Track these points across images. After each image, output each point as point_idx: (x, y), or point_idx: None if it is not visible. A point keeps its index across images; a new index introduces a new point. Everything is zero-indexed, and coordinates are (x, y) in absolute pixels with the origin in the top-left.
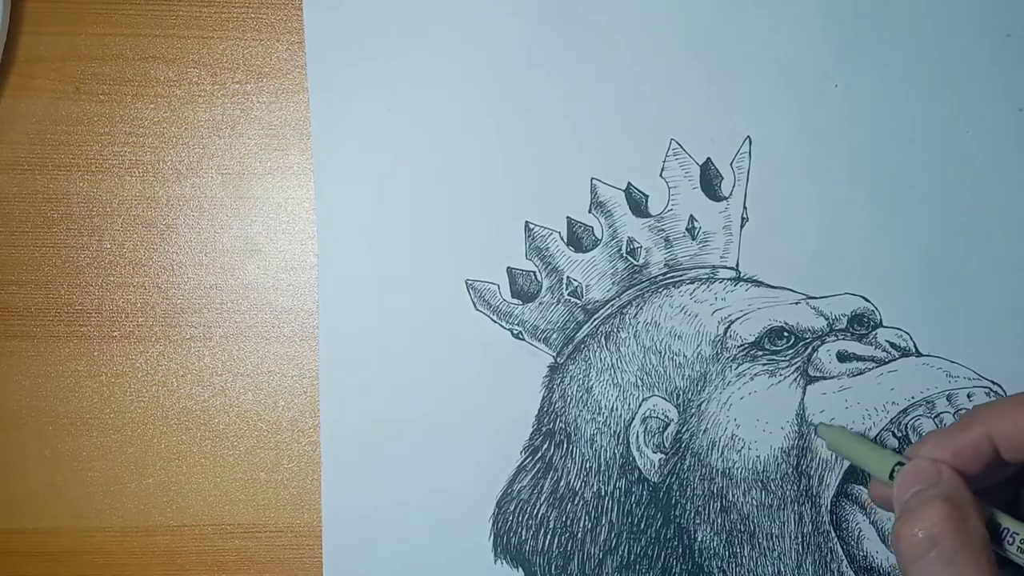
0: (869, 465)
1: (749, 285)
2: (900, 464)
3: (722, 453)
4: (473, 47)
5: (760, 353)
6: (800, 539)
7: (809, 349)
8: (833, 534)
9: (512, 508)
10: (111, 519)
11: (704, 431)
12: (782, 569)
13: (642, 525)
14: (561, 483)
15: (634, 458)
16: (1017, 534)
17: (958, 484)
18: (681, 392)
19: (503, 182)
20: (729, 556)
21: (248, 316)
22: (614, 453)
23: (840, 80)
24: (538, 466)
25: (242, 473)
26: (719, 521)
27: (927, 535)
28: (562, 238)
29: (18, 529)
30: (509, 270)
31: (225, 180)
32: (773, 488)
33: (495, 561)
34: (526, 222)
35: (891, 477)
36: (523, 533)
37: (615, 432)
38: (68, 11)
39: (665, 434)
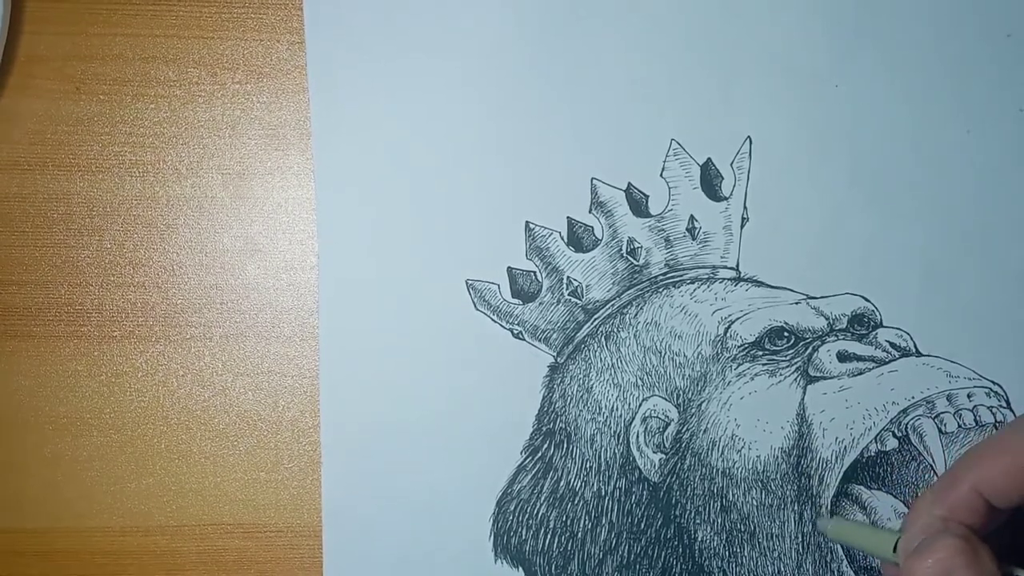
0: (873, 547)
1: (749, 285)
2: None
3: (722, 453)
4: (474, 48)
5: (760, 353)
6: (800, 539)
7: (809, 349)
8: None
9: (512, 508)
10: (111, 519)
11: (704, 431)
12: (782, 569)
13: (642, 525)
14: (561, 483)
15: (634, 458)
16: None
17: (967, 530)
18: (681, 392)
19: (504, 182)
20: (729, 556)
21: (248, 316)
22: (614, 453)
23: (840, 80)
24: (538, 466)
25: (242, 473)
26: (719, 521)
27: (940, 568)
28: (562, 238)
29: (19, 529)
30: (509, 270)
31: (225, 180)
32: (773, 488)
33: (495, 561)
34: (526, 222)
35: (895, 550)
36: (523, 533)
37: (615, 432)
38: (68, 11)
39: (665, 434)
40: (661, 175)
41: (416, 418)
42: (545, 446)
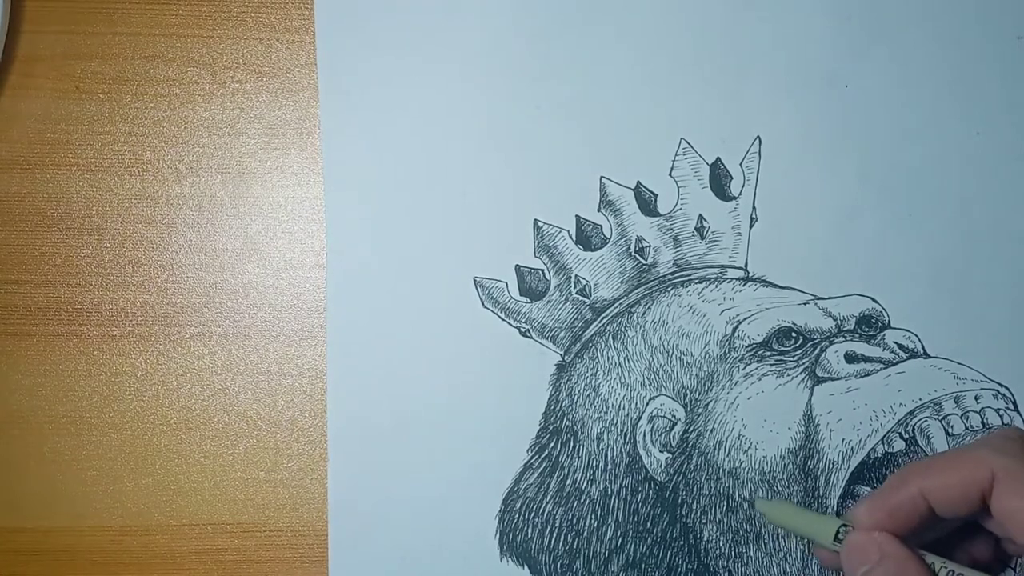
0: (813, 533)
1: (758, 285)
2: (844, 527)
3: (729, 453)
4: (484, 46)
5: (768, 353)
6: (806, 540)
7: (817, 350)
8: None
9: (518, 506)
10: (111, 518)
11: (711, 431)
12: (788, 570)
13: (648, 524)
14: (567, 481)
15: (641, 457)
16: (948, 568)
17: (898, 556)
18: (688, 391)
19: (512, 180)
20: (735, 556)
21: (248, 315)
22: (621, 452)
23: (850, 81)
24: (545, 464)
25: (241, 472)
26: (725, 521)
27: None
28: (571, 236)
29: (18, 528)
30: (518, 268)
31: (225, 179)
32: (779, 488)
33: (501, 559)
34: (535, 220)
35: (836, 539)
36: (529, 531)
37: (622, 431)
38: (68, 10)
39: (672, 433)
40: (670, 174)
41: (422, 415)
42: (552, 444)
